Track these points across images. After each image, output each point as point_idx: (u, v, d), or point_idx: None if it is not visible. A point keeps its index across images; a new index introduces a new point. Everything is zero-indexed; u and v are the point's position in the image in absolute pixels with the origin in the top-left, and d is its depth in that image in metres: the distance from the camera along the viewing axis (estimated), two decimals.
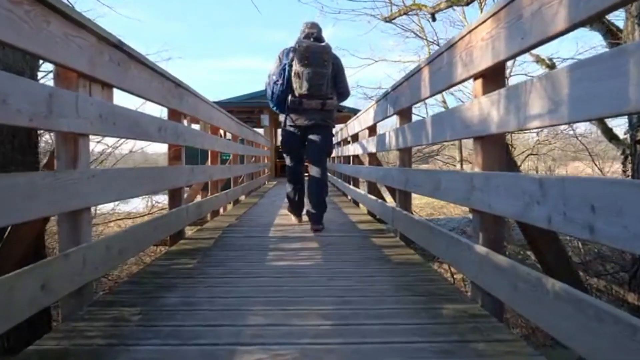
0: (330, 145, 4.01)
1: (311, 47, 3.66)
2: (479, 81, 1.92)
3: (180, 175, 3.37)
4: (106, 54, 2.05)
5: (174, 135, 3.13)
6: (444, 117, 2.26)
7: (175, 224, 3.22)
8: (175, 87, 3.13)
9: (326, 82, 3.70)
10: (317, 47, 3.67)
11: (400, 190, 3.35)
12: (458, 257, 2.05)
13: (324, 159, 3.97)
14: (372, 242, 3.34)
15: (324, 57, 3.66)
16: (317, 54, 3.65)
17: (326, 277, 2.34)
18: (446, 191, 2.24)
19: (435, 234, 2.37)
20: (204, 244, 3.29)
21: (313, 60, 3.63)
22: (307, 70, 3.62)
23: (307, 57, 3.62)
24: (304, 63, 3.62)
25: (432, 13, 7.23)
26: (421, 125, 2.72)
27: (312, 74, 3.62)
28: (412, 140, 2.96)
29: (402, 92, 3.18)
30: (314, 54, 3.64)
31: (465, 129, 2.00)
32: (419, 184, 2.76)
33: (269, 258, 2.82)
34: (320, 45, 3.70)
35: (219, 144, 4.87)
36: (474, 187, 1.87)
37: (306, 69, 3.62)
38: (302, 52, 3.63)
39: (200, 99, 3.89)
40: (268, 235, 3.63)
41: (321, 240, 3.40)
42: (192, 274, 2.43)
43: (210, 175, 4.45)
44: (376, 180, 4.37)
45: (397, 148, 3.40)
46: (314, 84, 3.65)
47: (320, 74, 3.65)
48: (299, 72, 3.64)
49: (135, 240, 2.39)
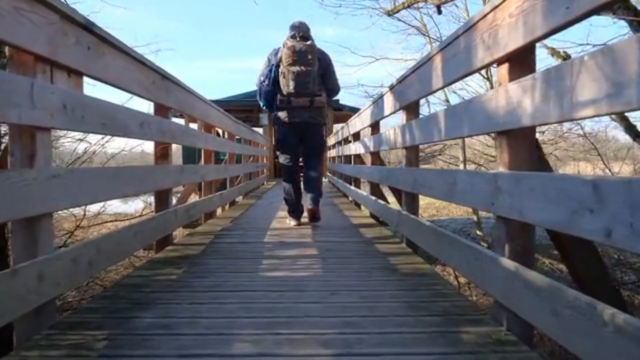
0: (322, 143, 4.09)
1: (296, 46, 3.70)
2: (504, 66, 1.64)
3: (167, 175, 3.09)
4: (72, 36, 1.77)
5: (160, 131, 2.85)
6: (460, 109, 1.99)
7: (162, 228, 2.95)
8: (161, 79, 2.86)
9: (312, 80, 3.74)
10: (302, 45, 3.71)
11: (406, 192, 3.07)
12: (479, 271, 1.77)
13: (317, 156, 4.08)
14: (376, 248, 3.06)
15: (309, 56, 3.70)
16: (302, 52, 3.69)
17: (326, 291, 2.07)
18: (463, 194, 1.96)
19: (451, 243, 2.09)
20: (193, 250, 3.01)
21: (298, 59, 3.68)
22: (293, 69, 3.69)
23: (293, 57, 3.68)
24: (289, 62, 3.69)
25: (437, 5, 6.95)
26: (432, 120, 2.45)
27: (297, 72, 3.69)
28: (421, 137, 2.69)
29: (409, 85, 2.90)
30: (299, 53, 3.69)
31: (487, 122, 1.72)
32: (429, 186, 2.48)
33: (263, 267, 2.54)
34: (306, 44, 3.73)
35: (213, 142, 4.59)
36: (500, 190, 1.60)
37: (291, 68, 3.69)
38: (288, 51, 3.70)
39: (191, 94, 3.61)
40: (263, 241, 3.35)
41: (320, 246, 3.12)
42: (175, 287, 2.15)
43: (203, 175, 4.17)
44: (379, 180, 4.10)
45: (404, 146, 3.12)
46: (299, 82, 3.71)
47: (306, 73, 3.70)
48: (285, 72, 3.72)
49: (110, 250, 2.11)
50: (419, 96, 2.76)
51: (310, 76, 3.72)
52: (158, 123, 2.85)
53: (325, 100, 3.94)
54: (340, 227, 4.05)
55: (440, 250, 2.26)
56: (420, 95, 2.74)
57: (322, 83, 3.88)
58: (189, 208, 3.68)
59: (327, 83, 3.93)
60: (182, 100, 3.38)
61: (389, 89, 3.50)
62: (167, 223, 3.04)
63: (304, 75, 3.70)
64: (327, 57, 3.93)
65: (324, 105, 3.95)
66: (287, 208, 4.15)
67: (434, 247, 2.35)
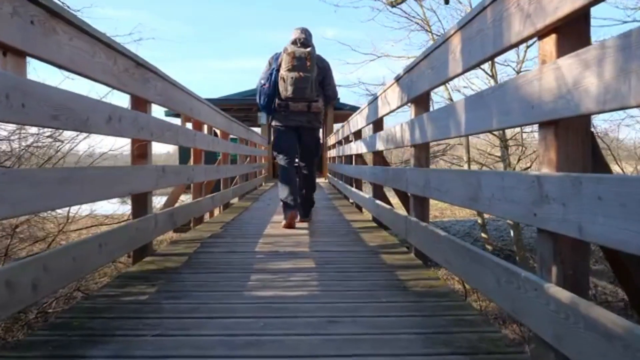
0: (318, 146, 4.23)
1: (296, 52, 3.77)
2: (550, 39, 1.28)
3: (146, 176, 2.74)
4: (7, 5, 1.42)
5: (134, 127, 2.50)
6: (487, 96, 1.63)
7: (138, 237, 2.59)
8: (136, 67, 2.50)
9: (310, 85, 3.81)
10: (302, 52, 3.77)
11: (416, 196, 2.71)
12: (513, 297, 1.41)
13: (312, 159, 4.20)
14: (382, 260, 2.70)
15: (308, 62, 3.77)
16: (301, 59, 3.76)
17: (324, 317, 1.71)
18: (491, 201, 1.60)
19: (476, 259, 1.73)
20: (174, 262, 2.65)
21: (297, 65, 3.75)
22: (292, 74, 3.76)
23: (292, 62, 3.75)
24: (288, 68, 3.76)
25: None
26: (448, 112, 2.08)
27: (296, 78, 3.76)
28: (434, 133, 2.33)
29: (419, 74, 2.54)
30: (299, 59, 3.76)
31: (526, 111, 1.36)
32: (444, 189, 2.12)
33: (251, 285, 2.18)
34: (305, 50, 3.79)
35: (202, 141, 4.23)
36: (547, 198, 1.24)
37: (290, 73, 3.76)
38: (288, 57, 3.77)
39: (175, 86, 3.25)
40: (254, 250, 2.99)
41: (318, 257, 2.76)
42: (142, 311, 1.79)
43: (191, 177, 3.81)
44: (384, 182, 3.74)
45: (412, 144, 2.77)
46: (297, 87, 3.78)
47: (304, 78, 3.77)
48: (284, 77, 3.79)
49: (63, 269, 1.75)
50: (431, 86, 2.40)
51: (308, 82, 3.79)
52: (132, 117, 2.49)
53: (322, 106, 4.05)
54: (340, 233, 3.70)
55: (460, 266, 1.90)
56: (432, 85, 2.38)
57: (320, 89, 3.99)
58: (173, 213, 3.32)
59: (325, 89, 4.05)
60: (163, 93, 3.02)
61: (395, 80, 3.14)
62: (145, 231, 2.68)
63: (302, 81, 3.77)
64: (327, 63, 4.04)
65: (320, 110, 4.07)
66: (283, 206, 4.07)
67: (452, 262, 1.99)
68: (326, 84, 4.03)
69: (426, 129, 2.44)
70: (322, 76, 3.96)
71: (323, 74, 3.98)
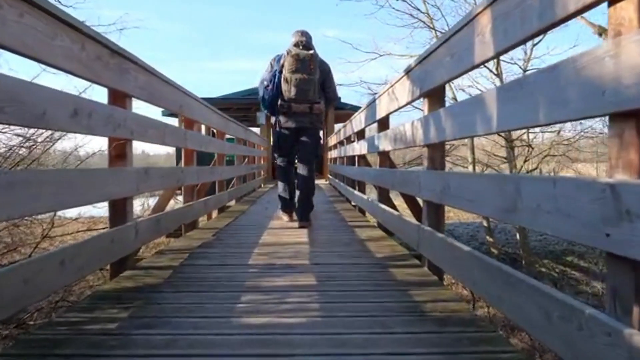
0: (318, 147, 4.28)
1: (299, 54, 3.83)
2: (628, 4, 0.97)
3: (124, 180, 2.42)
4: None
5: (109, 124, 2.18)
6: (533, 84, 1.30)
7: (116, 249, 2.27)
8: (110, 55, 2.18)
9: (313, 87, 3.90)
10: (304, 54, 3.84)
11: (430, 203, 2.39)
12: (576, 343, 1.09)
13: (313, 160, 4.20)
14: (392, 275, 2.38)
15: (311, 65, 3.85)
16: (305, 61, 3.83)
17: (327, 355, 1.39)
18: (537, 214, 1.27)
19: (517, 285, 1.40)
20: (155, 277, 2.34)
21: (301, 67, 3.83)
22: (295, 76, 3.84)
23: (295, 64, 3.82)
24: (292, 70, 3.83)
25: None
26: (474, 106, 1.76)
27: (299, 80, 3.84)
28: (454, 131, 2.01)
29: (435, 63, 2.22)
30: (302, 61, 3.83)
31: (593, 99, 1.04)
32: (469, 197, 1.80)
33: (241, 308, 1.86)
34: (308, 53, 3.86)
35: (194, 140, 3.91)
36: (627, 214, 0.92)
37: (294, 75, 3.84)
38: (291, 59, 3.82)
39: (160, 79, 2.94)
40: (247, 263, 2.67)
41: (319, 272, 2.44)
42: (106, 345, 1.47)
43: (179, 179, 3.49)
44: (391, 186, 3.42)
45: (425, 143, 2.45)
46: (300, 89, 3.85)
47: (307, 80, 3.85)
48: (288, 78, 3.86)
49: (10, 292, 1.43)
50: (450, 76, 2.08)
51: (311, 84, 3.88)
52: (107, 113, 2.17)
53: (323, 107, 4.12)
54: (343, 242, 3.37)
55: (491, 290, 1.58)
56: (452, 75, 2.06)
57: (321, 91, 4.08)
58: (160, 219, 3.00)
59: (326, 92, 4.16)
60: (147, 87, 2.70)
61: (405, 73, 2.82)
62: (123, 242, 2.36)
63: (305, 82, 3.85)
64: (327, 66, 4.16)
65: (322, 112, 4.13)
66: (282, 206, 4.32)
67: (480, 284, 1.67)
68: (327, 86, 4.14)
69: (444, 125, 2.12)
70: (323, 78, 4.07)
71: (324, 76, 4.08)
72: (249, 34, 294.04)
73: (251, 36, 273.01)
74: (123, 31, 11.77)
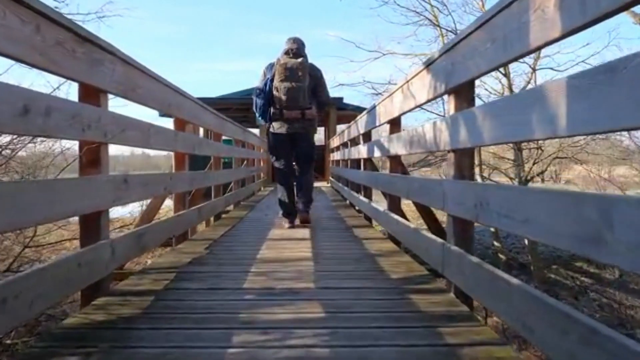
0: (313, 151, 4.44)
1: (288, 63, 3.96)
2: None
3: (97, 191, 2.05)
4: None
5: (76, 124, 1.81)
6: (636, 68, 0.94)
7: (84, 275, 1.90)
8: (77, 42, 1.81)
9: (302, 94, 4.01)
10: (293, 63, 3.96)
11: (458, 219, 2.02)
12: None
13: (308, 162, 4.38)
14: (413, 305, 2.00)
15: (300, 72, 3.95)
16: (293, 69, 3.95)
17: None
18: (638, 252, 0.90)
19: (603, 345, 1.02)
20: (132, 307, 1.96)
21: (290, 76, 3.95)
22: (284, 84, 3.97)
23: (284, 73, 3.94)
24: (281, 78, 3.96)
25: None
26: (527, 103, 1.39)
27: (288, 88, 3.97)
28: (495, 134, 1.63)
29: (468, 52, 1.85)
30: (291, 70, 3.95)
31: None
32: (521, 217, 1.42)
33: (232, 356, 1.49)
34: (297, 61, 3.96)
35: (184, 142, 3.53)
36: None
37: (283, 84, 3.97)
38: (280, 68, 3.96)
39: (143, 72, 2.56)
40: (243, 287, 2.29)
41: (327, 300, 2.05)
42: None
43: (168, 187, 3.12)
44: (406, 195, 3.04)
45: (452, 148, 2.08)
46: (290, 96, 3.99)
47: (297, 88, 3.97)
48: (278, 87, 3.99)
49: None
50: (489, 66, 1.70)
51: (300, 91, 3.99)
52: (72, 111, 1.80)
53: (315, 112, 4.23)
54: (352, 257, 3.00)
55: (557, 342, 1.20)
56: (492, 65, 1.69)
57: (313, 96, 4.18)
58: (143, 234, 2.62)
59: (318, 96, 4.23)
60: (126, 81, 2.33)
61: (425, 66, 2.45)
62: (95, 265, 1.99)
63: (295, 90, 3.97)
64: (319, 72, 4.23)
65: (314, 117, 4.25)
66: (282, 210, 4.32)
67: (538, 333, 1.29)
68: (319, 91, 4.22)
69: (479, 127, 1.75)
70: (314, 84, 4.14)
71: (315, 81, 4.15)
72: (252, 35, 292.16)
73: (253, 38, 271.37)
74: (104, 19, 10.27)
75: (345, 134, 7.30)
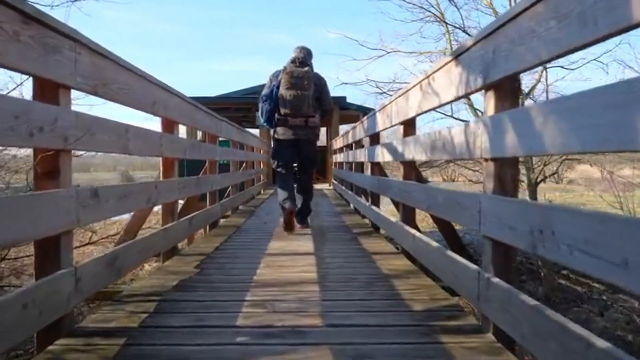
0: (316, 158, 4.58)
1: (294, 72, 4.09)
2: None
3: (55, 209, 1.66)
4: None
5: (18, 128, 1.42)
6: None
7: (33, 317, 1.50)
8: (23, 23, 1.42)
9: (307, 103, 4.14)
10: (299, 72, 4.09)
11: (499, 244, 1.63)
12: None
13: (309, 167, 4.56)
14: (445, 350, 1.61)
15: (305, 81, 4.09)
16: (299, 78, 4.08)
17: None
18: None
19: None
20: (96, 356, 1.57)
21: (295, 84, 4.08)
22: (290, 92, 4.10)
23: (290, 81, 4.07)
24: (287, 86, 4.09)
25: None
26: (620, 100, 1.00)
27: (293, 96, 4.10)
28: (562, 140, 1.24)
29: (517, 37, 1.46)
30: (297, 79, 4.08)
31: None
32: (619, 258, 1.02)
33: None
34: (302, 70, 4.11)
35: (172, 146, 3.13)
36: None
37: (289, 92, 4.10)
38: (286, 76, 4.09)
39: (119, 64, 2.17)
40: (236, 324, 1.89)
41: (337, 345, 1.65)
42: None
43: (152, 198, 2.72)
44: (427, 207, 2.64)
45: (491, 156, 1.69)
46: (295, 105, 4.13)
47: (302, 96, 4.11)
48: (283, 95, 4.12)
49: None
50: (551, 54, 1.30)
51: (305, 100, 4.12)
52: (16, 111, 1.41)
53: (318, 121, 4.39)
54: (363, 279, 2.60)
55: None
56: (555, 52, 1.28)
57: (317, 104, 4.30)
58: (117, 256, 2.21)
59: (322, 104, 4.37)
60: (95, 74, 1.93)
61: (452, 57, 2.06)
62: (51, 301, 1.59)
63: (299, 98, 4.11)
64: (323, 81, 4.37)
65: (317, 125, 4.42)
66: (281, 209, 4.35)
67: None
68: (323, 99, 4.35)
69: (536, 131, 1.35)
70: (319, 92, 4.27)
71: (319, 90, 4.27)
72: (256, 35, 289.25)
73: (256, 37, 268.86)
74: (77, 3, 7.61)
75: (349, 135, 6.91)
